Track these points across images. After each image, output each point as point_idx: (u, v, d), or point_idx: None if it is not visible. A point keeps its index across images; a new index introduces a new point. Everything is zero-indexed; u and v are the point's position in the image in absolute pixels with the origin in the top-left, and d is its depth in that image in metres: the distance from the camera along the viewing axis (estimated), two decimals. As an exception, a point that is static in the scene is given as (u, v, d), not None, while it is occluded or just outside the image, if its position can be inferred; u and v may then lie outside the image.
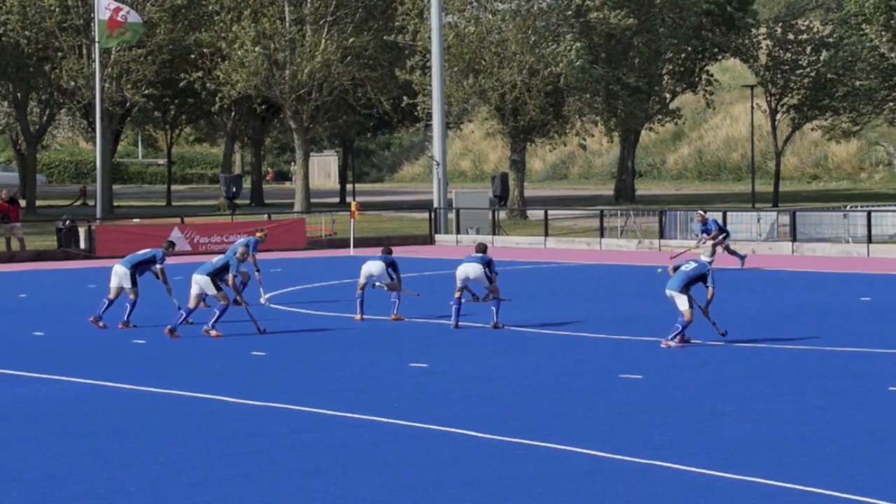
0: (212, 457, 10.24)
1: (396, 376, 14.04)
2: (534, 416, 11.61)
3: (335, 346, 16.50)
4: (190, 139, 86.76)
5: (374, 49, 47.52)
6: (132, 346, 16.70)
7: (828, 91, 50.58)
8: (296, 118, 48.69)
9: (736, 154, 68.86)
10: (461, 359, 15.12)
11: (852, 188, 60.08)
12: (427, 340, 16.80)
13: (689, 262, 16.36)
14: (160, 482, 9.49)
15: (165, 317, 19.98)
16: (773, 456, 9.84)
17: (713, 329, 15.78)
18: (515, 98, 44.43)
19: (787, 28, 51.41)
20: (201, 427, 11.45)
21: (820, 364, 14.31)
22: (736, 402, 12.17)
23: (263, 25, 46.24)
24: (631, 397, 12.52)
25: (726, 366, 14.39)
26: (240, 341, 16.94)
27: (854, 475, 9.21)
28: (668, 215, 34.86)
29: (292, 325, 18.71)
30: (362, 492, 9.12)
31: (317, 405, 12.21)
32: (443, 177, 40.33)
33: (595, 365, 14.54)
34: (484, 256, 17.70)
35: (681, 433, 10.75)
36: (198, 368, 14.89)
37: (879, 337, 16.07)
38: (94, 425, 11.66)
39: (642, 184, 64.14)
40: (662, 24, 48.82)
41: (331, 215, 40.54)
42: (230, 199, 42.63)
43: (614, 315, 18.66)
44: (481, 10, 44.84)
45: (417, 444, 10.60)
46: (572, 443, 10.28)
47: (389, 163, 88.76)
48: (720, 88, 58.02)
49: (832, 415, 11.47)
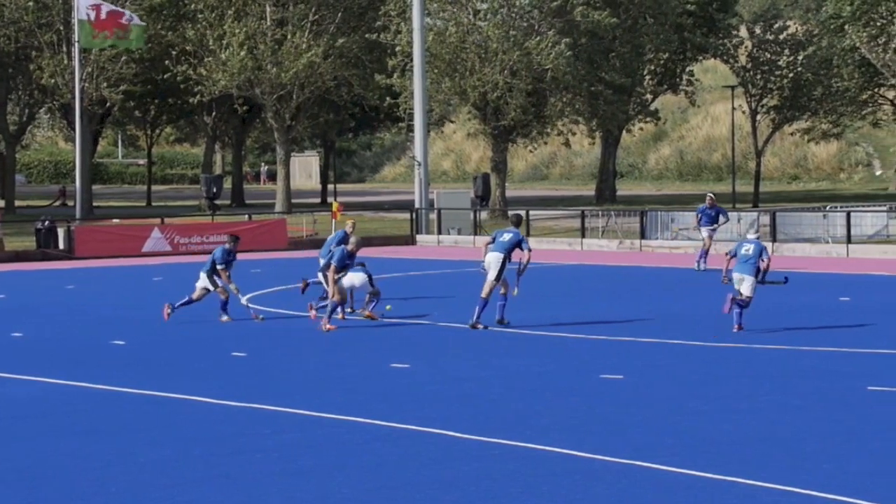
0: (192, 457, 10.20)
1: (377, 377, 14.02)
2: (514, 417, 11.61)
3: (316, 346, 16.47)
4: (170, 139, 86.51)
5: (357, 49, 47.48)
6: (112, 347, 16.62)
7: (806, 92, 50.85)
8: (277, 118, 48.58)
9: (717, 154, 69.11)
10: (442, 359, 15.11)
11: (832, 189, 60.38)
12: (408, 341, 16.78)
13: (744, 245, 16.80)
14: (141, 483, 9.45)
15: (146, 318, 19.91)
16: (754, 456, 9.87)
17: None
18: (497, 98, 44.46)
19: (767, 28, 51.65)
20: (182, 428, 11.41)
21: (800, 364, 14.36)
22: (716, 401, 12.21)
23: (249, 26, 46.13)
24: (611, 397, 12.54)
25: (706, 366, 14.43)
26: (220, 342, 16.89)
27: (834, 475, 9.25)
28: (649, 216, 34.95)
29: (273, 325, 18.65)
30: (343, 492, 9.10)
31: (297, 406, 12.18)
32: (424, 177, 40.32)
33: (576, 365, 14.56)
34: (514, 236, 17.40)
35: (661, 433, 10.77)
36: (178, 369, 14.83)
37: (858, 337, 16.16)
38: (74, 426, 11.60)
39: (623, 184, 64.29)
40: (644, 24, 48.95)
41: (312, 215, 40.47)
42: (211, 199, 42.50)
43: (595, 315, 18.69)
44: (462, 10, 44.85)
45: (397, 444, 10.59)
46: (552, 443, 10.29)
47: (371, 163, 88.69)
48: (701, 89, 58.20)
49: (812, 414, 11.52)
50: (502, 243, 17.43)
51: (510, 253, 17.38)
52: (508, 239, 17.42)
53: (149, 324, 19.06)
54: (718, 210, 27.18)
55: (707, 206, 26.91)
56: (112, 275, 28.45)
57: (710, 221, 26.70)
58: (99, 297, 23.34)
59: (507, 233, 17.62)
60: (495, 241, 17.57)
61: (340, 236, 19.78)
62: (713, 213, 26.78)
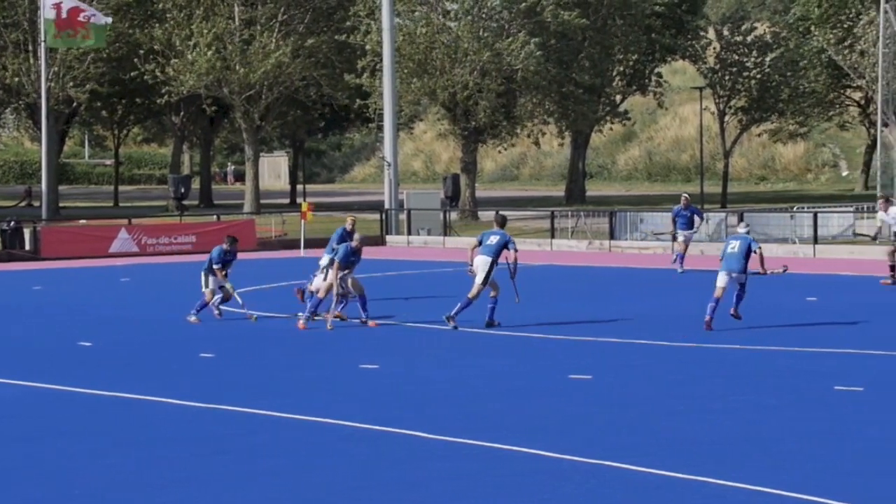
0: (160, 460, 10.11)
1: (346, 377, 13.96)
2: (482, 417, 11.59)
3: (285, 347, 16.39)
4: (138, 139, 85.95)
5: (326, 49, 47.37)
6: (79, 349, 16.47)
7: (773, 93, 51.22)
8: (246, 118, 48.38)
9: (685, 155, 69.46)
10: (411, 360, 15.08)
11: (799, 189, 60.83)
12: (377, 341, 16.73)
13: (732, 242, 16.91)
14: (107, 486, 9.35)
15: (113, 319, 19.75)
16: (725, 455, 9.90)
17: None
18: (467, 98, 44.47)
19: (734, 30, 51.98)
20: (149, 430, 11.31)
21: (769, 364, 14.43)
22: (686, 402, 12.23)
23: (218, 26, 45.91)
24: (580, 398, 12.55)
25: (676, 366, 14.47)
26: (188, 343, 16.77)
27: (805, 475, 9.28)
28: (618, 216, 35.07)
29: (242, 326, 18.55)
30: (312, 493, 9.05)
31: (266, 407, 12.11)
32: (394, 177, 40.26)
33: (544, 365, 14.56)
34: (501, 238, 17.44)
35: (631, 433, 10.78)
36: (146, 370, 14.70)
37: (825, 337, 16.25)
38: (39, 429, 11.47)
39: (593, 185, 64.48)
40: (614, 24, 49.13)
41: (281, 216, 40.32)
42: (179, 199, 42.27)
43: (564, 316, 18.70)
44: (432, 10, 44.84)
45: (366, 444, 10.55)
46: (520, 443, 10.27)
47: (340, 163, 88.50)
48: (670, 90, 58.49)
49: (781, 414, 11.56)
50: (490, 247, 17.41)
51: (498, 256, 17.36)
52: (496, 241, 17.42)
53: (116, 325, 18.91)
54: (693, 210, 26.86)
55: (682, 208, 26.50)
56: (79, 276, 28.22)
57: (687, 224, 26.25)
58: (66, 299, 23.13)
59: (494, 235, 17.61)
60: (482, 243, 17.56)
61: (340, 234, 19.88)
62: (689, 213, 26.41)
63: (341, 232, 19.83)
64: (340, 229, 19.99)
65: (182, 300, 22.29)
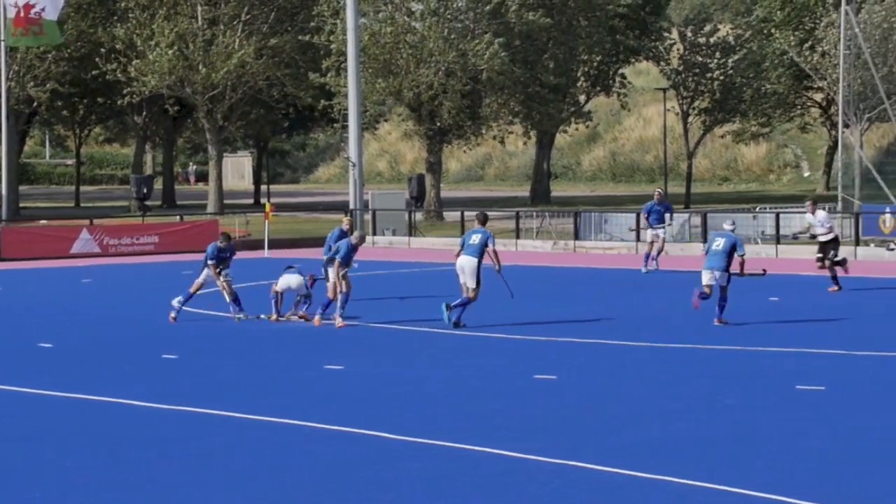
0: (121, 462, 10.01)
1: (311, 378, 13.90)
2: (448, 417, 11.57)
3: (248, 348, 16.29)
4: (100, 139, 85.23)
5: (290, 49, 47.21)
6: (39, 350, 16.29)
7: (736, 94, 51.58)
8: (209, 118, 48.11)
9: (649, 156, 69.79)
10: (376, 361, 15.04)
11: (762, 190, 61.29)
12: (342, 342, 16.68)
13: (717, 239, 17.02)
14: (66, 488, 9.25)
15: (74, 320, 19.56)
16: (686, 455, 9.93)
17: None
18: (431, 98, 44.46)
19: (697, 32, 52.29)
20: (111, 432, 11.20)
21: (731, 364, 14.51)
22: (650, 402, 12.28)
23: (180, 25, 45.61)
24: (545, 398, 12.56)
25: (639, 366, 14.52)
26: (151, 344, 16.64)
27: (765, 473, 9.33)
28: (582, 216, 35.18)
29: (204, 327, 18.43)
30: (276, 495, 8.99)
31: (230, 409, 12.03)
32: (359, 178, 40.16)
33: (510, 366, 14.56)
34: (483, 235, 17.43)
35: (595, 433, 10.80)
36: (107, 371, 14.57)
37: (787, 336, 16.37)
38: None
39: (558, 185, 64.66)
40: (578, 25, 49.30)
41: (245, 216, 40.12)
42: (141, 200, 41.96)
43: (529, 316, 18.72)
44: (397, 10, 44.79)
45: (333, 446, 10.50)
46: (486, 443, 10.27)
47: (305, 164, 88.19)
48: (634, 91, 58.76)
49: (743, 414, 11.63)
50: (473, 247, 17.45)
51: (482, 255, 17.39)
52: (478, 241, 17.46)
53: (77, 326, 18.73)
54: (667, 206, 26.52)
55: (656, 203, 26.04)
56: (40, 276, 27.93)
57: (660, 219, 25.80)
58: (26, 300, 22.88)
59: (476, 234, 17.65)
60: (465, 244, 17.58)
61: (338, 234, 20.01)
62: (662, 209, 26.01)
63: (338, 233, 20.03)
64: (337, 230, 20.19)
65: (145, 301, 22.11)
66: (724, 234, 17.58)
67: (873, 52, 37.55)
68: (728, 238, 17.36)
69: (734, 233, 17.75)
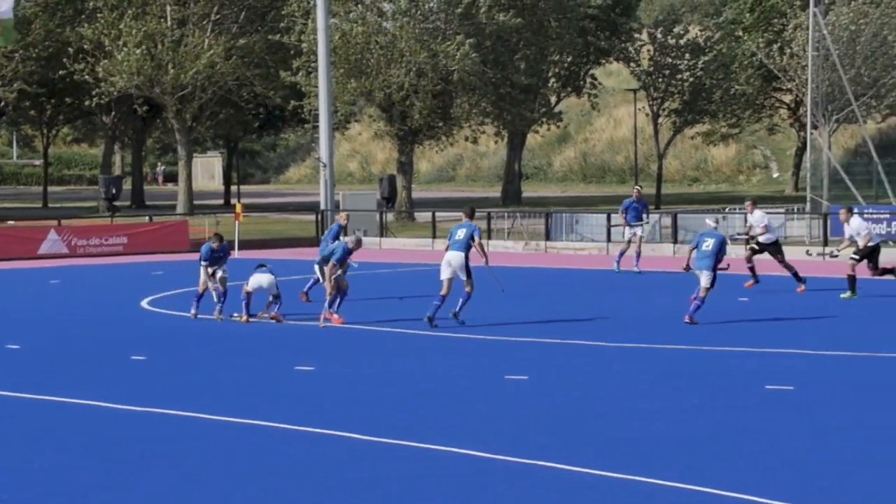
0: (90, 464, 9.94)
1: (281, 380, 13.84)
2: (418, 418, 11.56)
3: (219, 349, 16.21)
4: (68, 139, 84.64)
5: (260, 49, 47.03)
6: (7, 351, 16.14)
7: (706, 95, 51.86)
8: (178, 118, 47.85)
9: (620, 157, 70.04)
10: (347, 361, 15.00)
11: (731, 191, 61.64)
12: (313, 343, 16.63)
13: (706, 239, 17.56)
14: (37, 491, 9.17)
15: (42, 321, 19.40)
16: (655, 455, 9.96)
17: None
18: (402, 99, 44.41)
19: (667, 33, 52.53)
20: (79, 434, 11.11)
21: (700, 364, 14.57)
22: (619, 401, 12.31)
23: (148, 25, 45.34)
24: (516, 398, 12.56)
25: (610, 366, 14.56)
26: (119, 345, 16.52)
27: (736, 473, 9.37)
28: (554, 217, 35.26)
29: (175, 328, 18.33)
30: (247, 496, 8.95)
31: (200, 410, 11.96)
32: (330, 178, 40.08)
33: (481, 366, 14.56)
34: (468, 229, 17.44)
35: (564, 433, 10.82)
36: (76, 373, 14.46)
37: (756, 337, 16.46)
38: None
39: (529, 186, 64.78)
40: (549, 26, 49.41)
41: (215, 217, 39.95)
42: (109, 200, 41.71)
43: (500, 316, 18.73)
44: (367, 10, 44.71)
45: (302, 447, 10.46)
46: (456, 444, 10.26)
47: (275, 164, 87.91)
48: (604, 92, 58.95)
49: (713, 414, 11.68)
50: (459, 242, 17.49)
51: (469, 249, 17.40)
52: (464, 235, 17.49)
53: (45, 327, 18.58)
54: (644, 204, 26.32)
55: (634, 200, 25.79)
56: (7, 277, 27.69)
57: (638, 217, 25.57)
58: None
59: (461, 229, 17.69)
60: (451, 238, 17.62)
61: (336, 230, 20.04)
62: (640, 206, 25.79)
63: (336, 229, 20.09)
64: (335, 226, 20.45)
65: (113, 302, 21.96)
66: (713, 234, 17.83)
67: (841, 54, 37.84)
68: (717, 238, 17.66)
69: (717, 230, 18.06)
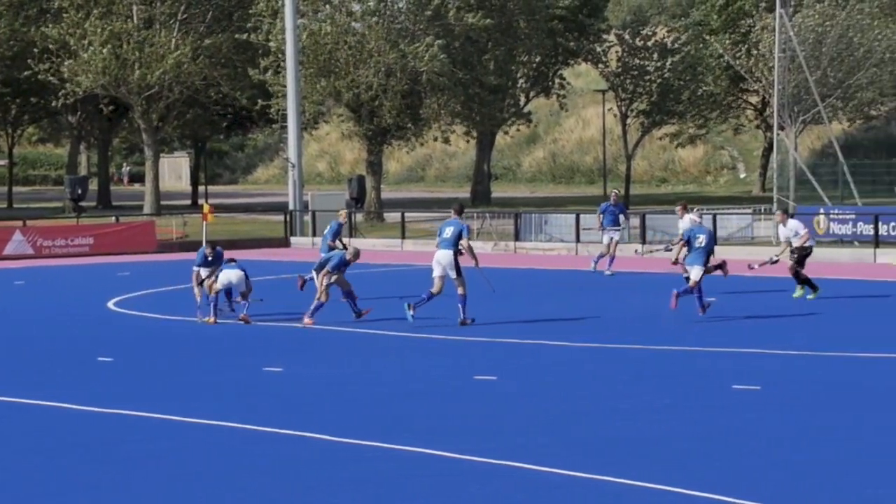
0: (58, 466, 9.83)
1: (250, 381, 13.77)
2: (386, 419, 11.52)
3: (187, 350, 16.10)
4: (33, 139, 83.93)
5: (227, 49, 46.81)
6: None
7: (674, 96, 52.11)
8: (145, 118, 47.55)
9: (588, 157, 70.25)
10: (315, 362, 14.94)
11: (699, 191, 61.97)
12: (281, 344, 16.55)
13: (698, 236, 17.93)
14: (2, 495, 9.06)
15: (7, 322, 19.20)
16: (625, 455, 9.98)
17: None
18: (371, 99, 44.34)
19: (635, 34, 52.75)
20: (47, 435, 11.00)
21: (669, 363, 14.62)
22: (588, 402, 12.32)
23: (114, 25, 45.02)
24: (485, 398, 12.55)
25: (579, 366, 14.58)
26: (86, 346, 16.37)
27: (704, 473, 9.40)
28: (523, 217, 35.31)
29: (142, 329, 18.19)
30: (214, 499, 8.88)
31: (168, 411, 11.87)
32: (298, 179, 39.94)
33: (449, 366, 14.54)
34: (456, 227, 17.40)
35: (534, 433, 10.82)
36: (42, 374, 14.32)
37: (724, 337, 16.53)
38: (-74, 437, 11.07)
39: (498, 186, 64.85)
40: (518, 27, 49.51)
41: (182, 217, 39.71)
42: (75, 200, 41.40)
43: (468, 316, 18.68)
44: (336, 10, 44.60)
45: (272, 449, 10.40)
46: (424, 445, 10.24)
47: (243, 164, 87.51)
48: (573, 92, 59.10)
49: (682, 413, 11.71)
50: (447, 240, 17.47)
51: (458, 246, 17.36)
52: (452, 233, 17.47)
53: (10, 328, 18.39)
54: (622, 208, 25.67)
55: (612, 204, 25.10)
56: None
57: (614, 221, 24.92)
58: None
59: (449, 226, 17.62)
60: (440, 237, 17.60)
61: (335, 228, 19.94)
62: (618, 210, 25.10)
63: (336, 227, 20.03)
64: (335, 223, 20.54)
65: (79, 303, 21.78)
66: (703, 230, 18.11)
67: (807, 56, 38.12)
68: (707, 234, 18.07)
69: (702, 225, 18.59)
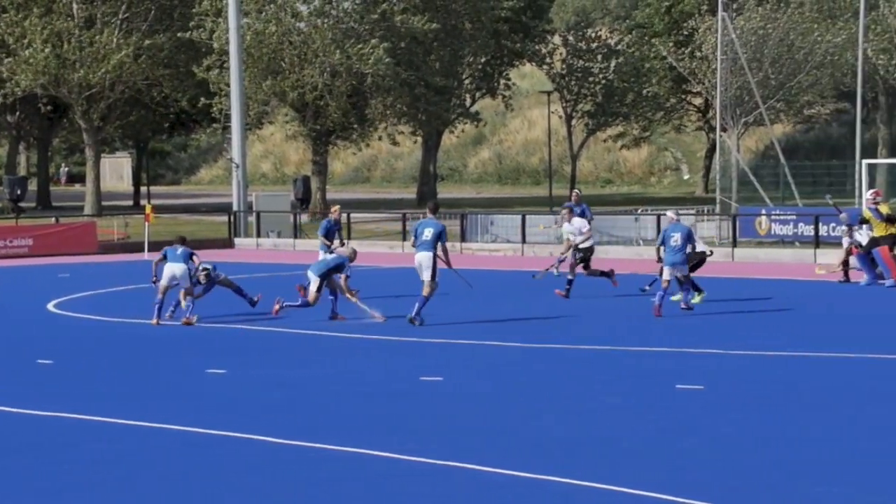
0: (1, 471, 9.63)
1: (193, 383, 13.61)
2: (332, 421, 11.45)
3: (128, 353, 15.89)
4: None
5: (169, 49, 46.37)
6: None
7: (618, 98, 52.52)
8: (85, 118, 46.96)
9: (534, 158, 70.54)
10: (259, 364, 14.81)
11: (644, 192, 62.48)
12: (225, 345, 16.39)
13: (672, 235, 17.99)
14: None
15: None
16: (571, 455, 9.98)
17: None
18: (316, 99, 44.15)
19: (580, 37, 53.09)
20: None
21: (613, 364, 14.68)
22: (534, 402, 12.33)
23: (54, 24, 44.42)
24: (431, 399, 12.52)
25: (526, 366, 14.60)
26: (25, 348, 16.09)
27: (650, 472, 9.43)
28: (469, 218, 35.35)
29: (82, 332, 17.93)
30: (155, 502, 8.76)
31: (108, 414, 11.69)
32: (242, 179, 39.65)
33: (395, 367, 14.49)
34: (435, 228, 17.29)
35: (479, 433, 10.80)
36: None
37: (667, 336, 16.65)
38: None
39: (444, 187, 64.88)
40: (463, 28, 49.60)
41: (123, 218, 39.25)
42: (14, 201, 40.78)
43: (415, 317, 18.64)
44: (280, 10, 44.36)
45: (214, 451, 10.28)
46: (370, 446, 10.18)
47: (186, 165, 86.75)
48: (518, 93, 59.32)
49: (627, 413, 11.75)
50: (426, 242, 17.34)
51: (437, 248, 17.27)
52: (431, 235, 17.32)
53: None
54: (584, 208, 24.72)
55: (573, 204, 24.18)
56: None
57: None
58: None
59: (428, 227, 17.46)
60: (417, 238, 17.43)
61: (326, 226, 19.99)
62: (580, 210, 24.01)
63: (327, 224, 19.90)
64: (326, 221, 20.38)
65: (18, 305, 21.41)
66: (678, 227, 18.17)
67: (749, 58, 38.57)
68: (682, 231, 18.17)
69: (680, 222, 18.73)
